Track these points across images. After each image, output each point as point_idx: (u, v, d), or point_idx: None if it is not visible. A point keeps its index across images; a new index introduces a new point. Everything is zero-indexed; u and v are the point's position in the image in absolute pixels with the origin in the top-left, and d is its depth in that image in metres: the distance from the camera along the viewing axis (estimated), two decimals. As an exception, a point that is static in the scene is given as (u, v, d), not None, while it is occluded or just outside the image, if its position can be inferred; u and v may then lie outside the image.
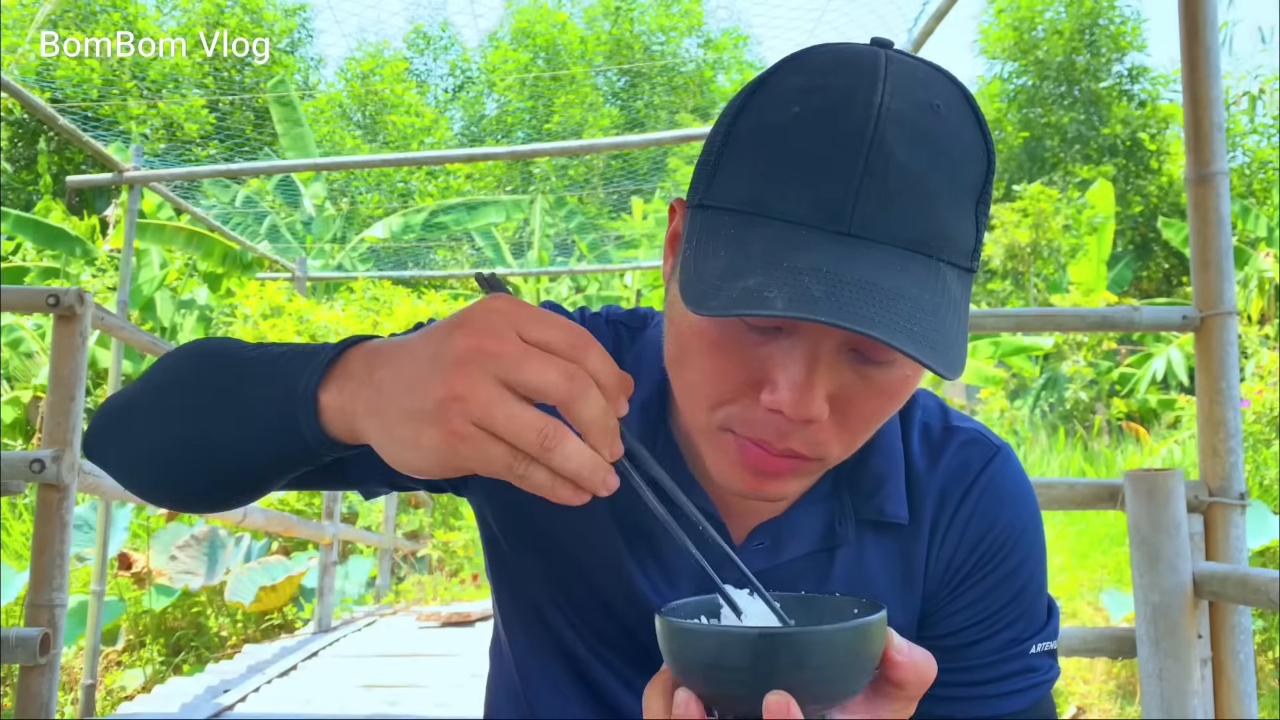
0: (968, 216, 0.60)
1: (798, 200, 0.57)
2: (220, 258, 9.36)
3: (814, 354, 0.59)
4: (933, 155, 0.57)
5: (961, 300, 0.59)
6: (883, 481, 0.74)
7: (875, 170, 0.56)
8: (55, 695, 1.99)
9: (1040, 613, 0.77)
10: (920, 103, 0.58)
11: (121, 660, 5.60)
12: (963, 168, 0.59)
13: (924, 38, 3.95)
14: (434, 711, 3.49)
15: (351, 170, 12.73)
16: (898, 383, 0.62)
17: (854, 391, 0.61)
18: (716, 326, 0.61)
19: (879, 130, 0.56)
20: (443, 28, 24.62)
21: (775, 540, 0.74)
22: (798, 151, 0.58)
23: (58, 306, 2.12)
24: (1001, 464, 0.77)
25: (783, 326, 0.60)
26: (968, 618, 0.75)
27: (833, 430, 0.62)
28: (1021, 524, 0.76)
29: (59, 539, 2.03)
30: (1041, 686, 0.76)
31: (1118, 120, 16.28)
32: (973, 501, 0.75)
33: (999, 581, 0.75)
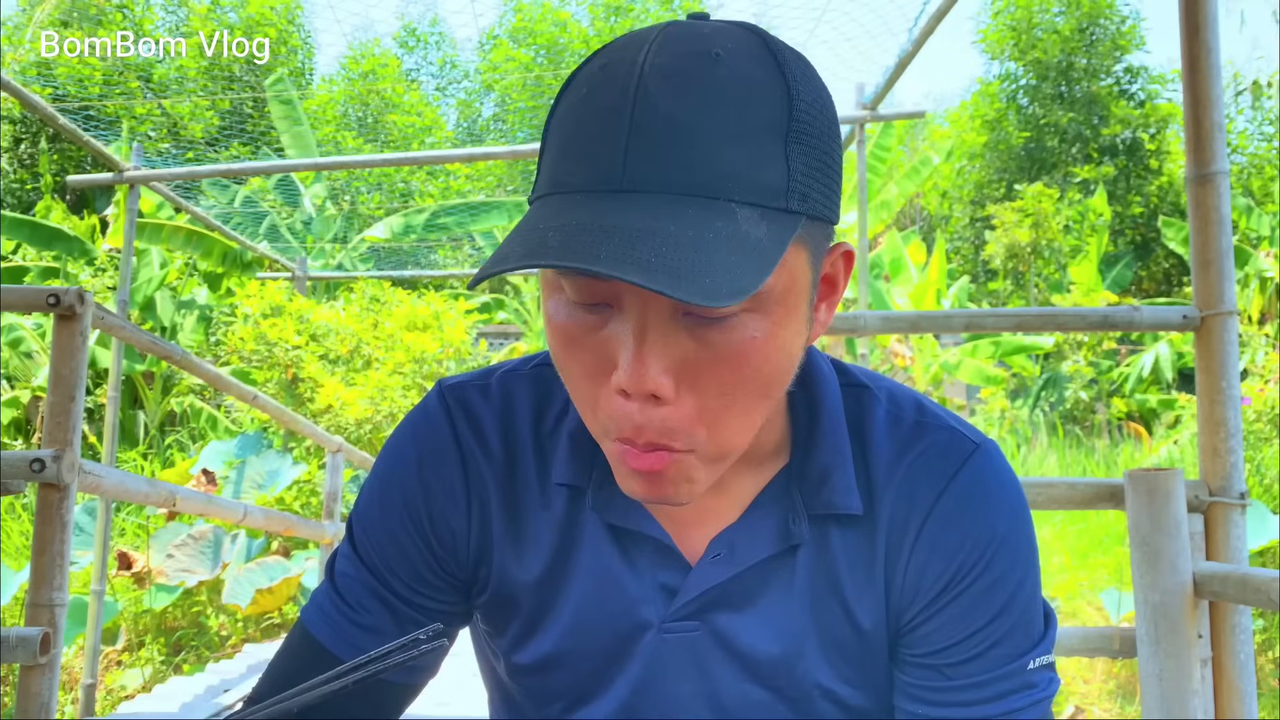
0: (773, 156, 0.57)
1: (578, 171, 0.57)
2: (220, 257, 9.36)
3: (641, 325, 0.58)
4: (707, 101, 0.56)
5: (769, 237, 0.55)
6: (829, 473, 0.71)
7: (641, 124, 0.55)
8: (55, 695, 1.99)
9: (1034, 624, 0.71)
10: (692, 53, 0.57)
11: (121, 660, 5.60)
12: (751, 108, 0.56)
13: (924, 37, 3.95)
14: (434, 711, 3.49)
15: (352, 170, 12.73)
16: (744, 344, 0.58)
17: (699, 361, 0.58)
18: (562, 321, 0.61)
19: (642, 85, 0.56)
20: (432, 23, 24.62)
21: (731, 549, 0.71)
22: (580, 127, 0.58)
23: (58, 306, 2.11)
24: (981, 462, 0.71)
25: (613, 304, 0.59)
26: (953, 634, 0.70)
27: (692, 411, 0.59)
28: (1005, 528, 0.70)
29: (59, 539, 2.03)
30: (1041, 704, 0.71)
31: (1117, 120, 16.28)
32: (949, 503, 0.70)
33: (983, 592, 0.69)
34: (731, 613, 0.72)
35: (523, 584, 0.75)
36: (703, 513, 0.72)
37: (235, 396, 4.30)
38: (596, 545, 0.73)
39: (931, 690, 0.71)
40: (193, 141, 14.46)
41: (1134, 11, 17.27)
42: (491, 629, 0.79)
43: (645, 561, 0.72)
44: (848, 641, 0.72)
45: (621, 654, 0.73)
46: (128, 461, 8.42)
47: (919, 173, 11.24)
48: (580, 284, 0.58)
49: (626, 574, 0.73)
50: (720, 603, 0.72)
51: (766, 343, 0.59)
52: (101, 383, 9.25)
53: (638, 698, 0.74)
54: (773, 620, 0.72)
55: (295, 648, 0.77)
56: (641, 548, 0.72)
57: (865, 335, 2.54)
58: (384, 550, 0.75)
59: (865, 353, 5.34)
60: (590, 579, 0.73)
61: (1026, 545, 0.72)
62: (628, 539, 0.72)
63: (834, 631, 0.72)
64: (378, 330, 8.51)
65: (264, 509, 3.90)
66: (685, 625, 0.72)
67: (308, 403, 7.71)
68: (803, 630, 0.72)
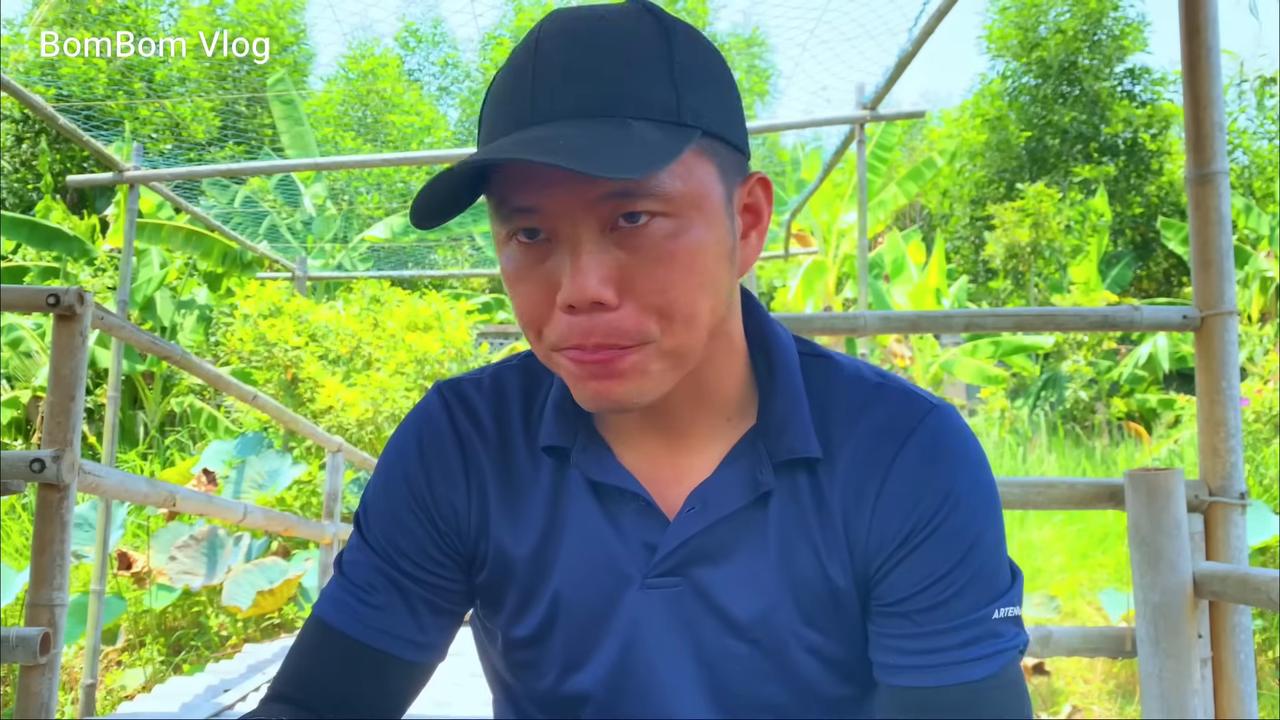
0: (660, 82, 0.66)
1: (498, 123, 0.67)
2: (220, 257, 9.36)
3: (576, 243, 0.66)
4: (594, 47, 0.66)
5: (663, 140, 0.63)
6: (787, 420, 0.76)
7: (541, 73, 0.66)
8: (55, 695, 1.99)
9: (999, 576, 0.75)
10: (577, 17, 0.68)
11: (122, 660, 5.60)
12: (634, 50, 0.66)
13: (924, 37, 3.95)
14: (434, 711, 3.49)
15: (351, 170, 12.73)
16: (667, 244, 0.66)
17: (632, 267, 0.66)
18: (512, 264, 0.69)
19: (539, 45, 0.67)
20: (435, 23, 24.61)
21: (705, 502, 0.76)
22: (498, 93, 0.69)
23: (58, 306, 2.12)
24: (938, 420, 0.76)
25: (550, 236, 0.67)
26: (918, 581, 0.73)
27: (636, 312, 0.66)
28: (964, 481, 0.74)
29: (59, 539, 2.03)
30: (1006, 653, 0.73)
31: (1119, 120, 16.27)
32: (908, 458, 0.75)
33: (945, 540, 0.73)
34: (710, 567, 0.76)
35: (517, 557, 0.79)
36: (678, 473, 0.77)
37: (235, 397, 4.30)
38: (582, 508, 0.78)
39: (901, 638, 0.74)
40: (193, 142, 14.47)
41: (1139, 14, 17.22)
42: (490, 608, 0.82)
43: (628, 521, 0.77)
44: (820, 593, 0.76)
45: (609, 613, 0.77)
46: (128, 461, 8.42)
47: (922, 174, 11.23)
48: (520, 222, 0.67)
49: (610, 534, 0.77)
50: (698, 557, 0.76)
51: (687, 242, 0.66)
52: (101, 383, 9.25)
53: (626, 655, 0.77)
54: (749, 573, 0.76)
55: (309, 637, 0.81)
56: (624, 507, 0.77)
57: (865, 335, 2.54)
58: (390, 533, 0.80)
59: (865, 352, 5.34)
60: (578, 542, 0.78)
61: (986, 499, 0.76)
62: (611, 500, 0.77)
63: (807, 583, 0.76)
64: (378, 330, 8.51)
65: (264, 509, 3.90)
66: (666, 580, 0.76)
67: (308, 403, 7.71)
68: (777, 582, 0.75)
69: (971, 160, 17.49)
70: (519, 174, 0.66)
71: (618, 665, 0.78)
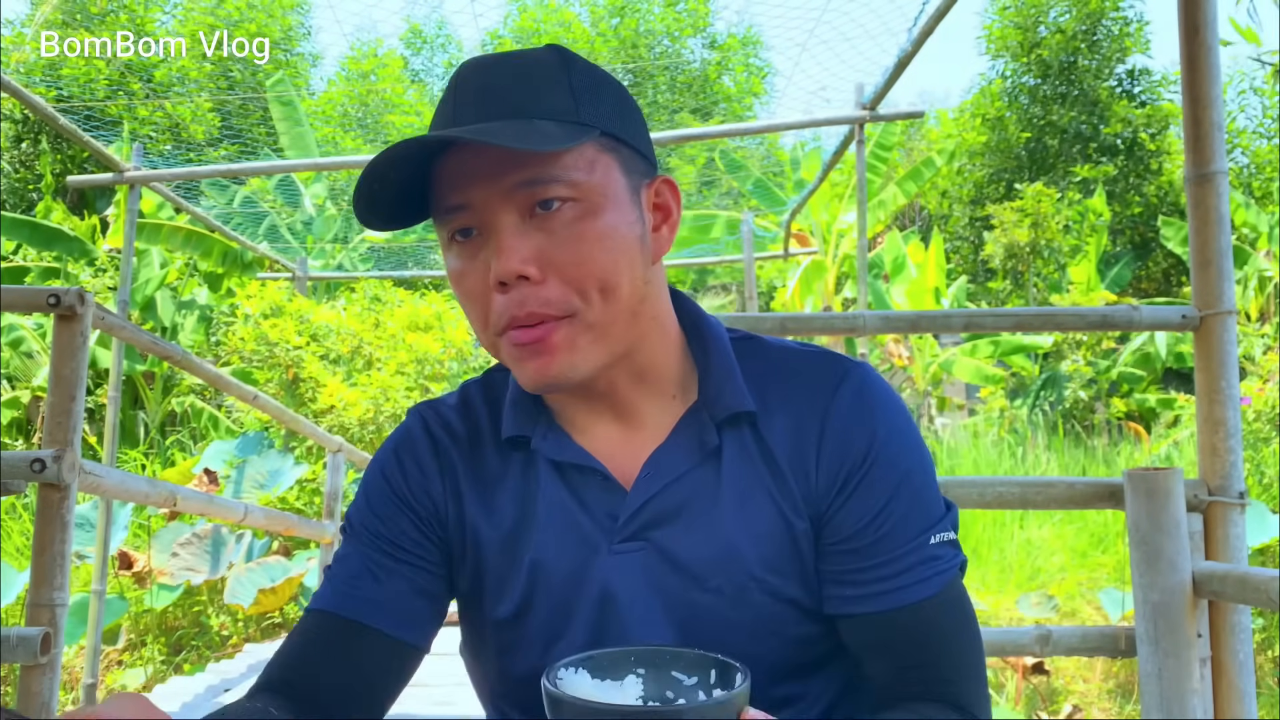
0: (559, 92, 0.78)
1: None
2: (220, 257, 9.36)
3: (499, 230, 0.76)
4: (504, 73, 0.79)
5: (561, 131, 0.75)
6: (722, 385, 0.85)
7: (460, 95, 0.79)
8: (56, 694, 1.99)
9: (934, 506, 0.83)
10: (492, 56, 0.81)
11: (122, 659, 5.60)
12: (539, 71, 0.79)
13: (924, 37, 3.95)
14: (435, 710, 3.49)
15: (352, 170, 12.72)
16: (578, 227, 0.76)
17: (551, 247, 0.76)
18: (452, 264, 0.80)
19: (457, 82, 0.80)
20: (439, 26, 24.61)
21: (657, 467, 0.84)
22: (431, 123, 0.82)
23: (58, 306, 2.12)
24: (859, 374, 0.86)
25: (480, 230, 0.78)
26: (860, 517, 0.81)
27: (560, 285, 0.76)
28: (888, 424, 0.84)
29: (60, 539, 2.03)
30: (947, 573, 0.82)
31: (1118, 120, 16.26)
32: (839, 408, 0.84)
33: (879, 478, 0.82)
34: (669, 526, 0.83)
35: (494, 539, 0.87)
36: (633, 447, 0.86)
37: (235, 396, 4.30)
38: (550, 487, 0.86)
39: (850, 572, 0.82)
40: (193, 141, 14.46)
41: (1138, 14, 17.18)
42: (473, 595, 0.88)
43: (590, 495, 0.85)
44: (780, 538, 0.83)
45: (581, 581, 0.83)
46: (128, 461, 8.42)
47: (921, 174, 11.23)
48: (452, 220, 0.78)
49: (576, 508, 0.84)
50: (658, 518, 0.83)
51: (597, 224, 0.77)
52: (102, 383, 9.26)
53: (602, 621, 0.83)
54: (705, 526, 0.83)
55: (300, 626, 0.87)
56: (586, 483, 0.85)
57: (865, 335, 2.54)
58: (372, 525, 0.88)
59: (865, 352, 5.34)
60: (548, 518, 0.85)
61: (911, 439, 0.85)
62: (573, 478, 0.85)
63: (766, 529, 0.83)
64: (379, 330, 8.51)
65: (265, 509, 3.90)
66: (630, 545, 0.83)
67: (309, 403, 7.71)
68: (735, 532, 0.82)
69: (971, 160, 17.48)
70: (447, 178, 0.77)
71: (595, 631, 0.83)
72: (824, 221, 11.76)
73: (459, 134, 0.72)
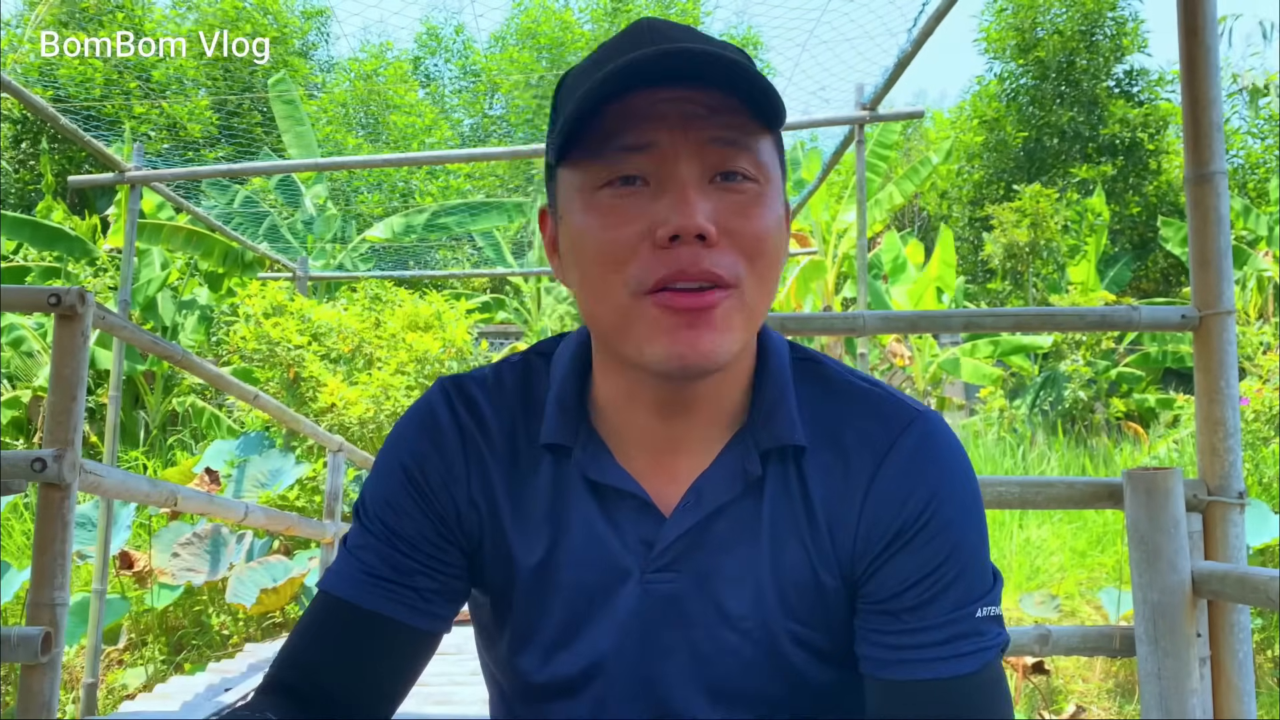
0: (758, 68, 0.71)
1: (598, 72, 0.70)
2: (221, 257, 9.36)
3: (682, 183, 0.69)
4: (703, 35, 0.74)
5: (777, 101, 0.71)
6: (773, 411, 0.78)
7: (659, 35, 0.72)
8: (57, 694, 1.99)
9: (982, 576, 0.77)
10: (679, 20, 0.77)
11: (123, 659, 5.60)
12: (731, 47, 0.72)
13: (924, 37, 3.95)
14: (434, 710, 3.49)
15: (352, 170, 12.73)
16: (758, 207, 0.71)
17: (730, 215, 0.70)
18: (606, 204, 0.71)
19: (654, 26, 0.73)
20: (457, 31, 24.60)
21: (699, 496, 0.78)
22: (601, 64, 0.72)
23: (59, 306, 2.12)
24: (925, 425, 0.79)
25: (650, 180, 0.70)
26: (904, 579, 0.76)
27: (732, 254, 0.70)
28: (949, 483, 0.77)
29: (60, 538, 2.03)
30: (989, 650, 0.76)
31: (1116, 120, 16.26)
32: (896, 461, 0.77)
33: (930, 540, 0.76)
34: (706, 559, 0.78)
35: (526, 566, 0.80)
36: (674, 472, 0.79)
37: (236, 396, 4.30)
38: (583, 508, 0.79)
39: (886, 634, 0.76)
40: (193, 140, 14.46)
41: (1133, 13, 17.17)
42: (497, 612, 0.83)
43: (625, 518, 0.79)
44: (807, 588, 0.78)
45: (608, 608, 0.79)
46: (129, 461, 8.42)
47: (918, 173, 11.24)
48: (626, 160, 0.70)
49: (609, 531, 0.79)
50: (695, 550, 0.78)
51: (769, 210, 0.72)
52: (103, 383, 9.25)
53: (626, 648, 0.79)
54: (742, 566, 0.78)
55: (316, 611, 0.82)
56: (622, 506, 0.79)
57: (864, 335, 2.54)
58: (388, 520, 0.81)
59: (864, 352, 5.34)
60: (580, 544, 0.79)
61: (970, 502, 0.78)
62: (609, 498, 0.79)
63: (794, 578, 0.78)
64: (379, 330, 8.52)
65: (265, 508, 3.90)
66: (664, 575, 0.78)
67: (310, 402, 7.72)
68: (767, 575, 0.78)
69: (970, 161, 17.48)
70: (632, 113, 0.69)
71: (615, 658, 0.79)
72: (824, 221, 11.76)
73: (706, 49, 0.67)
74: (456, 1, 24.26)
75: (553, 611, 0.80)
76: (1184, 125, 2.04)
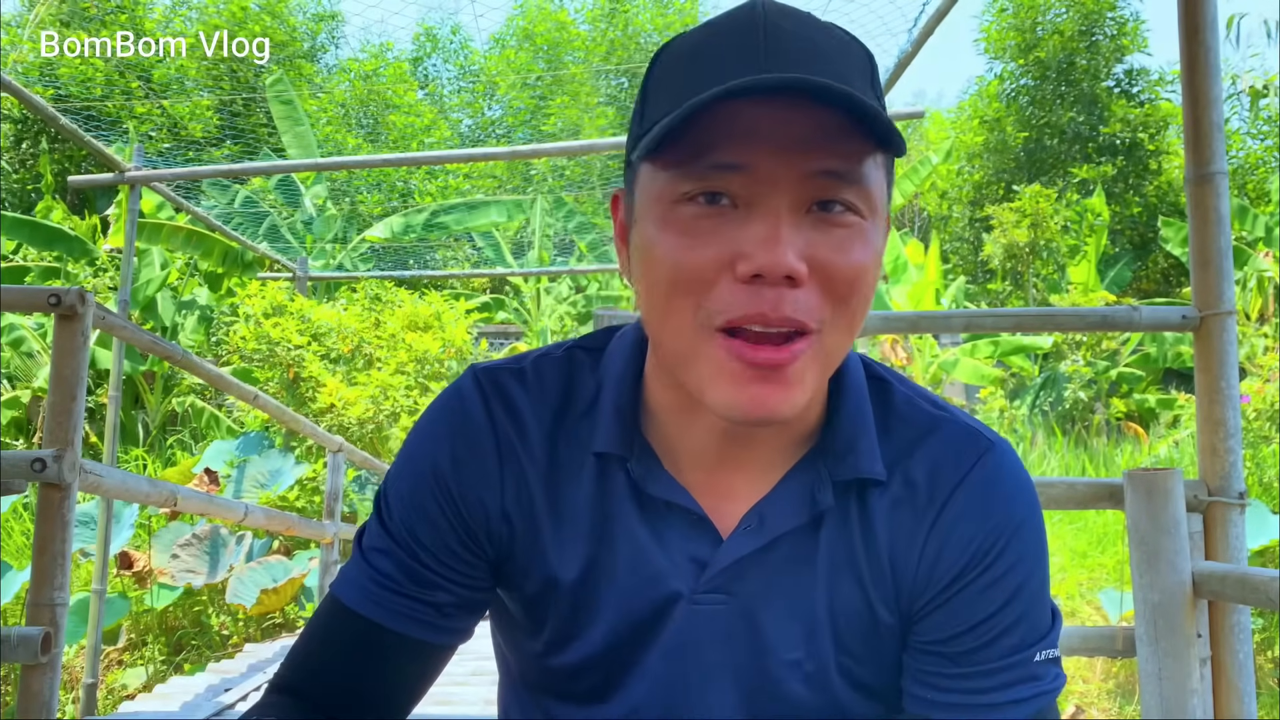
0: (871, 81, 0.65)
1: (713, 79, 0.62)
2: (221, 257, 9.36)
3: (775, 213, 0.62)
4: (818, 32, 0.65)
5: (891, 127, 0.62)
6: (854, 441, 0.73)
7: (773, 40, 0.63)
8: (56, 694, 1.99)
9: (1042, 619, 0.74)
10: (796, 8, 0.66)
11: (123, 659, 5.60)
12: (849, 46, 0.65)
13: (924, 38, 3.95)
14: (436, 710, 3.49)
15: (351, 170, 12.73)
16: (855, 236, 0.64)
17: (825, 250, 0.63)
18: (683, 223, 0.63)
19: (767, 19, 0.64)
20: (454, 31, 24.61)
21: (761, 521, 0.73)
22: (706, 57, 0.64)
23: (59, 306, 2.12)
24: (996, 458, 0.74)
25: (738, 202, 0.63)
26: (963, 621, 0.72)
27: (819, 296, 0.63)
28: (1018, 521, 0.73)
29: (60, 538, 2.03)
30: (1045, 696, 0.73)
31: (1117, 120, 16.27)
32: (964, 496, 0.73)
33: (994, 582, 0.72)
34: (758, 587, 0.74)
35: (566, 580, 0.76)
36: (732, 490, 0.74)
37: (236, 396, 4.30)
38: (629, 522, 0.74)
39: (940, 677, 0.73)
40: (192, 140, 14.46)
41: (1133, 13, 17.20)
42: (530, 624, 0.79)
43: (673, 534, 0.74)
44: (862, 623, 0.74)
45: (653, 628, 0.75)
46: (129, 461, 8.42)
47: (918, 172, 11.24)
48: (717, 180, 0.62)
49: (654, 547, 0.74)
50: (747, 575, 0.74)
51: (869, 244, 0.65)
52: (102, 383, 9.25)
53: (667, 671, 0.75)
54: (795, 599, 0.74)
55: (326, 618, 0.78)
56: (670, 521, 0.74)
57: (865, 335, 2.55)
58: (412, 525, 0.76)
59: (864, 352, 5.34)
60: (626, 562, 0.74)
61: (1037, 541, 0.74)
62: (656, 513, 0.74)
63: (849, 613, 0.74)
64: (379, 330, 8.52)
65: (265, 509, 3.90)
66: (714, 597, 0.74)
67: (309, 402, 7.72)
68: (821, 608, 0.74)
69: (970, 162, 17.49)
70: (726, 127, 0.62)
71: (659, 680, 0.76)
72: (824, 221, 11.77)
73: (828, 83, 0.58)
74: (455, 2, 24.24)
75: (593, 627, 0.76)
76: (1184, 125, 2.04)
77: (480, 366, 0.79)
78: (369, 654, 0.76)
